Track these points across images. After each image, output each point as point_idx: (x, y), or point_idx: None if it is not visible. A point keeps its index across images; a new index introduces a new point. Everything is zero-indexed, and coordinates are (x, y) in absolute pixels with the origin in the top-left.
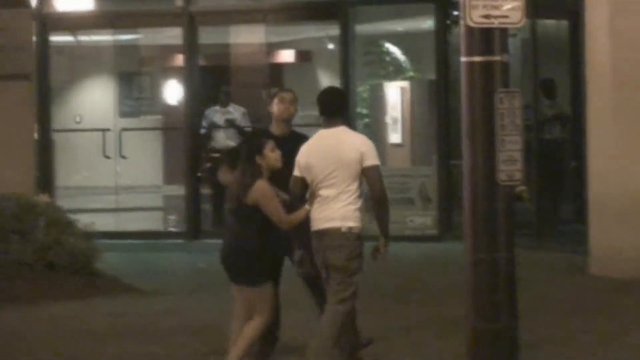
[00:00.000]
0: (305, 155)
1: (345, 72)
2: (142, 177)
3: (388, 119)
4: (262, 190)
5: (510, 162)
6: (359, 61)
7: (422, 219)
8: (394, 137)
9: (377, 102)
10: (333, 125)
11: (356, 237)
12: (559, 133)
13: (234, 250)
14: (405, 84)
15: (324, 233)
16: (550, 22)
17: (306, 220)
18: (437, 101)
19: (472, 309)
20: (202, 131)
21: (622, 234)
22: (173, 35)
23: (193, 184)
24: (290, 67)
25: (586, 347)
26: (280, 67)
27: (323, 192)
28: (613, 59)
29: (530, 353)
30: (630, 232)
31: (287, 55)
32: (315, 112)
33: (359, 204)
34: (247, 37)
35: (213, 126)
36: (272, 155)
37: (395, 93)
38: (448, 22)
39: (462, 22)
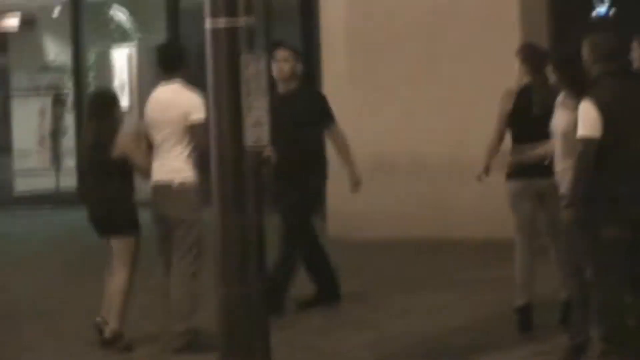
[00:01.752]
0: (147, 109)
1: (75, 38)
2: None
3: (116, 84)
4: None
5: (257, 125)
6: (87, 27)
7: None
8: (122, 101)
9: (105, 67)
10: (168, 80)
11: (190, 189)
12: None
13: (101, 202)
14: (132, 48)
15: (159, 186)
16: None
17: None
18: None
19: (221, 274)
20: None
21: (358, 196)
22: None
23: None
24: (16, 35)
25: (332, 309)
26: (5, 35)
27: (158, 146)
28: (346, 20)
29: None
30: (366, 195)
31: (12, 22)
32: (44, 79)
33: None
34: None
35: None
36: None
37: (122, 58)
38: None
39: None
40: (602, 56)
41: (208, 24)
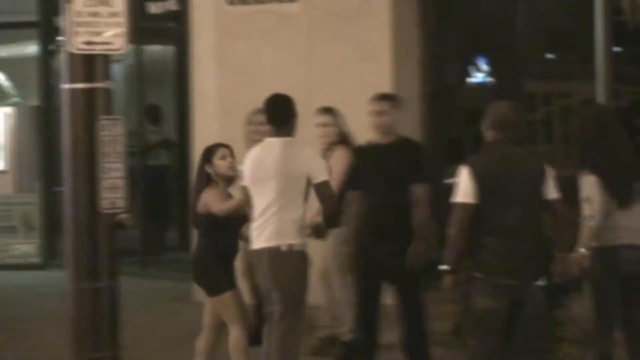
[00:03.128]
0: (250, 165)
1: None
2: None
3: None
4: (206, 197)
5: (113, 189)
6: None
7: (26, 247)
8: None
9: None
10: (280, 135)
11: (298, 255)
12: (164, 159)
13: (193, 261)
14: (9, 109)
15: (262, 252)
16: (156, 48)
17: None
18: (40, 128)
19: (73, 339)
20: None
21: None
22: None
23: None
24: None
25: None
26: None
27: (264, 206)
28: (219, 84)
29: None
30: None
31: None
32: None
33: (301, 219)
34: None
35: None
36: (221, 163)
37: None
38: (51, 47)
39: (64, 48)
40: (495, 124)
41: (66, 85)
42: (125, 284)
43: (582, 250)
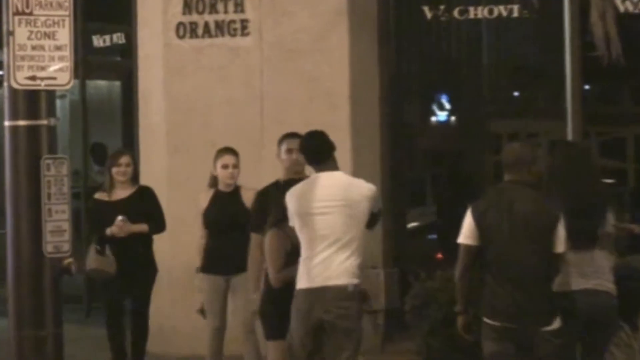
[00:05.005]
0: (300, 202)
1: None
2: None
3: None
4: (265, 241)
5: (58, 232)
6: None
7: None
8: None
9: None
10: (327, 169)
11: (361, 295)
12: None
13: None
14: None
15: (323, 291)
16: (102, 83)
17: None
18: None
19: None
20: None
21: (174, 311)
22: None
23: None
24: None
25: None
26: None
27: (326, 242)
28: (167, 121)
29: None
30: (181, 309)
31: None
32: None
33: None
34: None
35: None
36: None
37: None
38: None
39: (6, 84)
40: (506, 164)
41: (7, 122)
42: (69, 332)
43: None
